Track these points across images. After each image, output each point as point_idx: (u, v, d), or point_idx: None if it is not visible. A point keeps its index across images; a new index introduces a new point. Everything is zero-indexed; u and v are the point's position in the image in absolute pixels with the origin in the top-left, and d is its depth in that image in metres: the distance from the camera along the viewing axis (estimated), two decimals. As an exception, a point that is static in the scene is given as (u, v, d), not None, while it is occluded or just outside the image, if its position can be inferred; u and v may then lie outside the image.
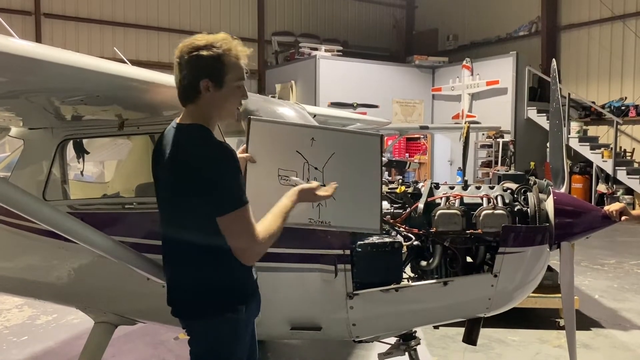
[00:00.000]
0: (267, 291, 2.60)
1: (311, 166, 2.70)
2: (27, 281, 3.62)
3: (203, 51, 2.16)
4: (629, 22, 14.88)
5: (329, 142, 2.75)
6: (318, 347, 5.10)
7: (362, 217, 2.81)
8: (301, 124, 2.91)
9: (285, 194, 2.37)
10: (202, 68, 2.17)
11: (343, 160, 2.75)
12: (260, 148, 2.68)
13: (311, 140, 2.72)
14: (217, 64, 2.17)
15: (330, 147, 2.74)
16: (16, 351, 5.10)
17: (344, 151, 2.76)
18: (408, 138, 15.16)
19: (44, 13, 15.43)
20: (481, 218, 3.14)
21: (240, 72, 2.25)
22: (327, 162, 2.72)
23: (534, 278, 3.21)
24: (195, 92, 2.21)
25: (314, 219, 2.72)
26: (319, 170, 2.71)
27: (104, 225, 3.03)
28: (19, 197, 2.26)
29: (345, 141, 2.82)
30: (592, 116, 15.19)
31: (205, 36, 2.21)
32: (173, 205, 2.26)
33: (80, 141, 3.72)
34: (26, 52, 1.96)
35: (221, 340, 2.27)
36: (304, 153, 2.71)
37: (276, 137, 2.72)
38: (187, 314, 2.32)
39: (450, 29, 19.87)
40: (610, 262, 8.73)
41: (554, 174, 3.50)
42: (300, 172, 2.69)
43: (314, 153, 2.70)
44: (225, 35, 2.23)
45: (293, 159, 2.69)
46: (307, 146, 2.71)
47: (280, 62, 18.36)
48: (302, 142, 2.71)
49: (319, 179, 2.67)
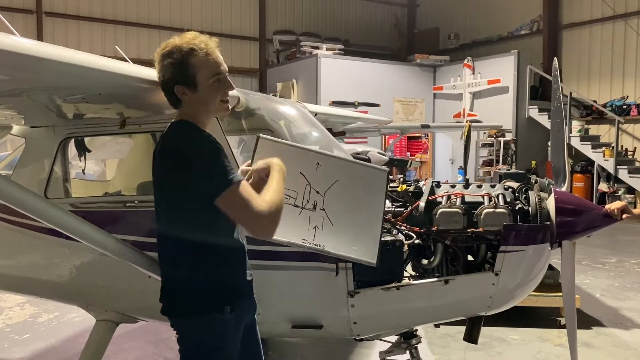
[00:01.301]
0: (268, 289, 2.61)
1: (313, 189, 2.71)
2: (29, 279, 3.62)
3: (167, 59, 2.20)
4: (631, 20, 14.86)
5: (333, 170, 2.75)
6: (319, 346, 5.11)
7: (358, 248, 2.78)
8: (309, 148, 2.90)
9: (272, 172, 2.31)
10: (171, 75, 2.21)
11: (346, 189, 2.75)
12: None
13: (316, 165, 2.73)
14: (183, 67, 2.18)
15: (335, 175, 2.74)
16: (18, 349, 5.11)
17: (348, 180, 2.76)
18: (409, 137, 15.17)
19: (46, 11, 15.45)
20: (482, 216, 3.14)
21: (211, 68, 2.22)
22: (330, 188, 2.72)
23: (535, 277, 3.21)
24: (175, 99, 2.26)
25: (308, 241, 2.70)
26: (320, 194, 2.71)
27: (106, 223, 3.03)
28: (20, 195, 2.26)
29: (350, 171, 2.81)
30: (593, 115, 15.18)
31: (172, 41, 2.24)
32: (159, 202, 2.29)
33: (81, 139, 3.71)
34: (28, 50, 1.96)
35: (207, 340, 2.25)
36: (308, 175, 2.72)
37: (282, 156, 2.69)
38: (174, 312, 2.32)
39: (451, 28, 19.84)
40: (611, 261, 8.73)
41: (555, 172, 3.49)
42: (301, 192, 2.70)
43: (317, 177, 2.71)
44: (193, 34, 2.24)
45: (295, 179, 2.69)
46: (311, 169, 2.72)
47: (281, 60, 18.36)
48: (308, 165, 2.72)
49: (319, 203, 2.70)
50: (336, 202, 2.71)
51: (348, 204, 2.75)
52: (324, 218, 2.72)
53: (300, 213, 2.70)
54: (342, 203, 2.73)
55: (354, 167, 2.87)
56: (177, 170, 2.16)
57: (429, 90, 17.11)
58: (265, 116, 3.65)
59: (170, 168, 2.19)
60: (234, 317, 2.30)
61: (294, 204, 2.68)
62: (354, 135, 10.30)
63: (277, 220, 2.17)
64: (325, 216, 2.72)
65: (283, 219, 2.55)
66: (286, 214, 2.62)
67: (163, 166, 2.21)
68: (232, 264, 2.33)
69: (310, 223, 2.70)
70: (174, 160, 2.17)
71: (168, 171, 2.20)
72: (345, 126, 7.35)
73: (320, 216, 2.72)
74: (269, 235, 2.21)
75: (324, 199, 2.71)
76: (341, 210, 2.70)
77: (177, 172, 2.17)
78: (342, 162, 2.85)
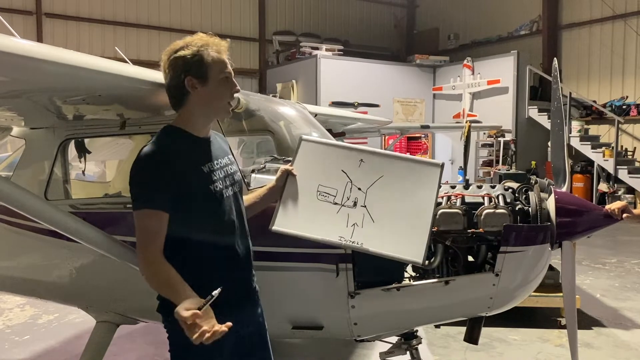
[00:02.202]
0: (269, 290, 2.60)
1: (354, 186, 2.66)
2: (29, 280, 3.62)
3: (181, 51, 2.23)
4: (630, 21, 14.86)
5: (378, 166, 2.70)
6: (319, 347, 5.10)
7: (402, 245, 2.60)
8: (353, 146, 2.85)
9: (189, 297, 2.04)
10: (183, 67, 2.22)
11: (391, 185, 2.68)
12: (305, 165, 2.71)
13: (359, 162, 2.70)
14: (197, 60, 2.21)
15: (380, 170, 2.69)
16: (18, 350, 5.11)
17: (394, 176, 2.69)
18: (409, 137, 15.15)
19: (45, 13, 15.45)
20: (483, 217, 3.14)
21: (222, 64, 2.27)
22: (373, 184, 2.67)
23: (536, 277, 3.21)
24: (183, 93, 2.26)
25: (345, 238, 2.60)
26: (362, 191, 2.66)
27: (106, 224, 3.03)
28: (20, 196, 2.26)
29: (398, 166, 2.73)
30: (593, 115, 15.17)
31: (183, 39, 2.28)
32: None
33: (81, 141, 3.71)
34: (27, 51, 1.96)
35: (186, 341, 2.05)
36: (349, 173, 2.70)
37: (324, 156, 2.72)
38: (160, 311, 2.32)
39: (451, 28, 19.85)
40: (611, 261, 8.73)
41: (555, 173, 3.49)
42: (341, 190, 2.66)
43: (360, 174, 2.67)
44: (203, 34, 2.29)
45: (336, 177, 2.68)
46: (354, 167, 2.69)
47: (281, 61, 18.35)
48: (350, 162, 2.70)
49: (360, 200, 2.64)
50: (380, 199, 2.64)
51: (393, 200, 2.66)
52: (364, 215, 2.63)
53: (339, 210, 2.64)
54: (386, 199, 2.65)
55: (402, 162, 2.77)
56: (129, 178, 2.21)
57: (429, 91, 17.10)
58: (265, 117, 3.65)
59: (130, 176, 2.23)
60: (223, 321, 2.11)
61: (333, 201, 2.64)
62: (353, 135, 10.30)
63: (146, 273, 2.17)
64: (367, 213, 2.63)
65: (319, 217, 2.62)
66: (323, 211, 2.64)
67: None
68: (209, 270, 2.27)
69: (349, 220, 2.63)
70: (131, 169, 2.21)
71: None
72: (345, 127, 7.35)
73: (360, 213, 2.64)
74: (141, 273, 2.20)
75: (365, 196, 2.65)
76: (385, 206, 2.62)
77: (129, 180, 2.21)
78: (390, 158, 2.78)
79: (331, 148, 2.81)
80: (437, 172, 2.71)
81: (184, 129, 2.29)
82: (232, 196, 2.39)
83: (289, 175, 2.68)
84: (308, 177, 2.67)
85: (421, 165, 2.78)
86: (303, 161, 2.73)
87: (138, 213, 2.16)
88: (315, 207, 2.61)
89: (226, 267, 2.33)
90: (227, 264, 2.34)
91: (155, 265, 2.15)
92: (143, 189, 2.17)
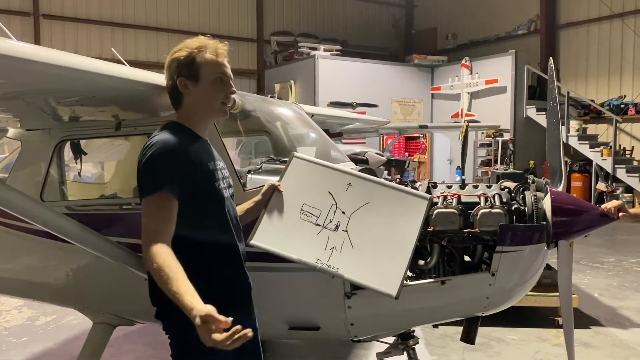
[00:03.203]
0: (265, 291, 2.60)
1: (339, 209, 2.62)
2: (26, 282, 3.62)
3: (176, 54, 2.28)
4: (628, 20, 14.88)
5: (366, 191, 2.68)
6: (316, 347, 5.10)
7: (378, 276, 2.56)
8: (345, 170, 2.82)
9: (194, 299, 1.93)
10: (176, 68, 2.27)
11: (376, 213, 2.65)
12: (293, 182, 2.69)
13: (347, 185, 2.68)
14: (189, 61, 2.25)
15: (366, 197, 2.66)
16: (15, 352, 5.10)
17: (380, 204, 2.67)
18: (407, 137, 15.18)
19: (43, 14, 15.43)
20: (478, 217, 3.13)
21: (216, 66, 2.28)
22: (358, 209, 2.64)
23: (532, 277, 3.20)
24: (177, 94, 2.30)
25: (322, 261, 2.56)
26: (346, 215, 2.63)
27: (102, 226, 3.03)
28: (16, 198, 2.26)
29: (386, 195, 2.71)
30: (591, 114, 15.19)
31: (183, 42, 2.32)
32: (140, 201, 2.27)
33: (77, 142, 3.72)
34: (22, 53, 1.96)
35: (191, 344, 2.09)
36: (336, 195, 2.68)
37: (313, 175, 2.70)
38: (159, 316, 2.31)
39: (449, 28, 19.86)
40: (609, 260, 8.74)
41: (552, 172, 3.49)
42: (325, 212, 2.64)
43: (346, 198, 2.64)
44: (203, 37, 2.33)
45: (322, 198, 2.66)
46: (341, 189, 2.66)
47: (279, 61, 18.34)
48: (338, 184, 2.67)
49: (343, 224, 2.61)
50: (362, 225, 2.61)
51: (376, 228, 2.63)
52: (344, 240, 2.60)
53: (319, 232, 2.61)
54: (368, 227, 2.62)
55: (391, 191, 2.75)
56: (138, 167, 2.19)
57: (427, 91, 17.11)
58: (261, 118, 3.65)
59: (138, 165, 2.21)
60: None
61: (315, 222, 2.61)
62: (352, 136, 10.31)
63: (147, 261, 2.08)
64: (347, 238, 2.60)
65: (299, 236, 2.57)
66: (304, 231, 2.60)
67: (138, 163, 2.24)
68: (212, 270, 2.27)
69: (328, 243, 2.60)
70: (140, 157, 2.20)
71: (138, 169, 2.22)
72: (343, 127, 7.35)
73: (341, 238, 2.60)
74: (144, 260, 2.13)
75: (348, 221, 2.62)
76: (366, 234, 2.59)
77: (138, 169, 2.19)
78: (378, 186, 2.75)
79: (321, 168, 2.78)
80: (424, 205, 2.70)
81: (187, 126, 2.31)
82: (230, 197, 2.41)
83: (275, 191, 2.66)
84: (294, 195, 2.64)
85: (409, 196, 2.75)
86: (292, 178, 2.71)
87: (149, 199, 2.11)
88: (297, 226, 2.58)
89: (229, 265, 2.34)
90: (230, 262, 2.35)
91: (163, 258, 2.03)
92: (156, 175, 2.13)
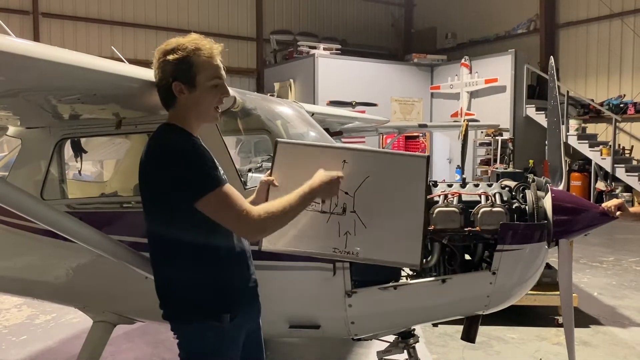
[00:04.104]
0: (266, 289, 2.59)
1: (341, 190, 2.40)
2: (26, 281, 3.62)
3: (170, 55, 2.17)
4: (627, 19, 14.89)
5: (363, 165, 2.46)
6: (317, 346, 5.10)
7: (398, 249, 2.47)
8: (333, 145, 2.64)
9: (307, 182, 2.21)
10: (171, 71, 2.17)
11: (379, 185, 2.46)
12: (286, 172, 2.48)
13: (343, 163, 2.44)
14: (185, 65, 2.16)
15: (365, 170, 2.45)
16: (15, 351, 5.10)
17: (381, 174, 2.46)
18: (407, 136, 15.16)
19: (42, 12, 15.40)
20: (479, 216, 3.13)
21: (213, 70, 2.21)
22: (360, 186, 2.44)
23: (532, 275, 3.21)
24: (170, 97, 2.22)
25: (339, 249, 2.45)
26: (350, 195, 2.43)
27: (102, 224, 3.03)
28: (16, 196, 2.26)
29: (383, 163, 2.52)
30: (590, 114, 15.19)
31: (175, 39, 2.21)
32: (146, 205, 2.25)
33: (77, 140, 3.71)
34: (22, 50, 1.96)
35: (204, 347, 2.20)
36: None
37: (304, 159, 2.49)
38: (170, 318, 2.28)
39: (448, 27, 19.85)
40: (609, 260, 8.74)
41: (552, 171, 3.49)
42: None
43: (345, 176, 2.40)
44: (196, 35, 2.23)
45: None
46: (337, 169, 2.41)
47: (278, 60, 18.34)
48: (333, 164, 2.42)
49: (349, 205, 2.43)
50: (369, 202, 2.44)
51: (383, 201, 2.46)
52: (355, 221, 2.45)
53: (328, 219, 2.45)
54: (376, 201, 2.45)
55: (387, 158, 2.58)
56: (160, 172, 2.13)
57: (427, 90, 17.10)
58: (262, 116, 3.64)
59: (154, 169, 2.15)
60: (234, 324, 2.24)
61: (321, 209, 2.43)
62: (351, 135, 10.30)
63: (265, 226, 2.13)
64: (357, 219, 2.45)
65: (309, 229, 2.44)
66: (312, 222, 2.45)
67: (147, 168, 2.18)
68: (228, 270, 2.26)
69: (340, 229, 2.45)
70: (157, 162, 2.14)
71: (152, 173, 2.16)
72: (342, 126, 7.35)
73: (351, 220, 2.44)
74: (251, 238, 2.20)
75: (354, 200, 2.43)
76: (375, 209, 2.43)
77: (159, 174, 2.13)
78: (373, 155, 2.57)
79: (310, 149, 2.62)
80: (423, 164, 2.50)
81: (181, 126, 2.26)
82: None
83: (270, 187, 2.47)
84: (290, 186, 2.35)
85: (406, 158, 2.59)
86: (283, 167, 2.51)
87: (211, 196, 2.06)
88: (303, 219, 2.41)
89: (239, 262, 2.33)
90: (240, 258, 2.34)
91: (265, 209, 2.12)
92: (203, 171, 2.09)
